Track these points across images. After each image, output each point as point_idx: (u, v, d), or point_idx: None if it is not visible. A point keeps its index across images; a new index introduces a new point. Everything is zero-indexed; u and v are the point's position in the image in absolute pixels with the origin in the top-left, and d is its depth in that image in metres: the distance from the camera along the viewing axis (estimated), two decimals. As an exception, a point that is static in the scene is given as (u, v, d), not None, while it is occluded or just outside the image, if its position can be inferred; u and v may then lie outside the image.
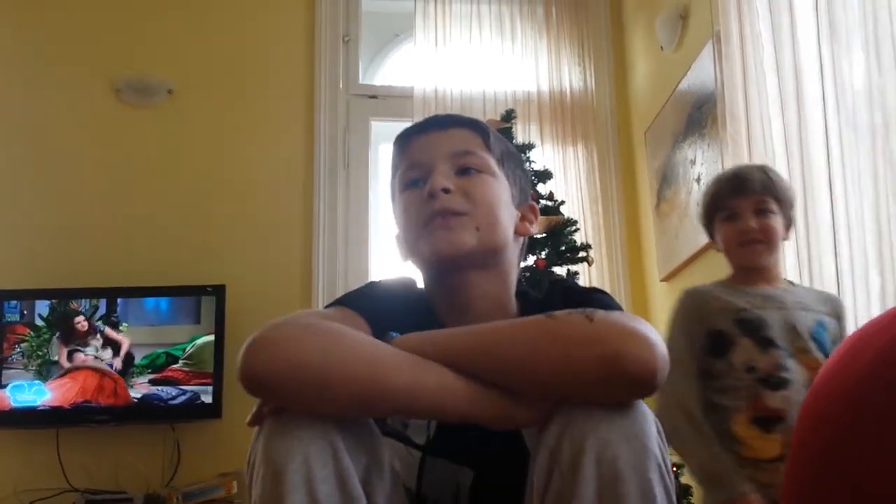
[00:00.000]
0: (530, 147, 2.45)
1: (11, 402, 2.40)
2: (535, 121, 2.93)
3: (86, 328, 2.48)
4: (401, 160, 1.03)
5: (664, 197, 2.67)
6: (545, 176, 2.40)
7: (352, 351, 0.78)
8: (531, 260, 2.22)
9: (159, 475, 2.49)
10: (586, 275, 2.63)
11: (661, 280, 2.70)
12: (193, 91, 2.87)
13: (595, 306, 0.82)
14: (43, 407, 2.41)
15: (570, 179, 2.89)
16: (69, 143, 2.79)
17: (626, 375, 0.74)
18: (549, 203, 2.38)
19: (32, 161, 2.77)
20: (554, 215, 2.33)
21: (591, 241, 2.58)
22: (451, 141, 1.00)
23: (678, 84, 2.55)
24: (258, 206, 2.80)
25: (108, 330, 2.49)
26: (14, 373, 2.43)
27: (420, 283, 1.05)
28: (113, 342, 2.49)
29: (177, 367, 2.47)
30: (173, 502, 2.33)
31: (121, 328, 2.50)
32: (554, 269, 2.26)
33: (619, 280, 2.84)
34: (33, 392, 2.42)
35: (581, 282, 2.45)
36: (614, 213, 2.92)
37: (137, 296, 2.53)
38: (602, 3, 3.15)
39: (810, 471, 0.96)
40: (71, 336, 2.48)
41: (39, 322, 2.48)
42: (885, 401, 0.84)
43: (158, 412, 2.46)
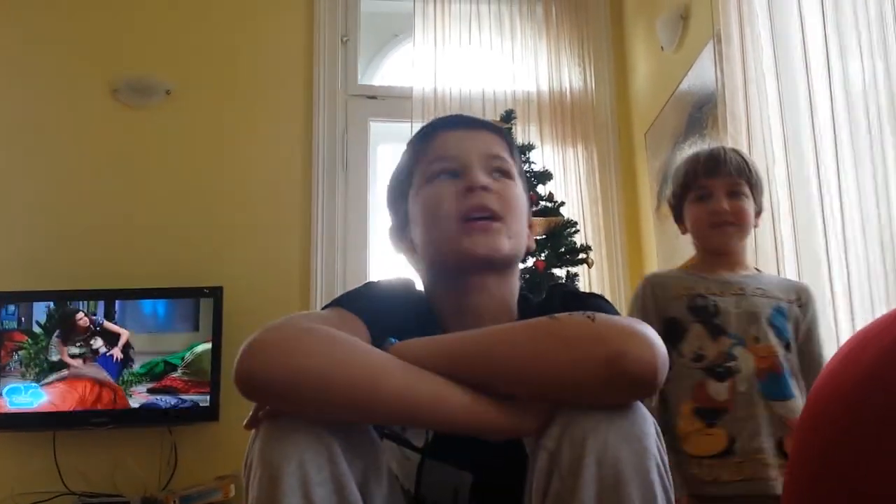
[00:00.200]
0: (530, 148, 2.44)
1: (8, 405, 2.39)
2: (535, 121, 2.92)
3: (87, 324, 2.47)
4: (425, 152, 1.00)
5: (665, 198, 2.65)
6: (545, 177, 2.40)
7: (347, 357, 0.77)
8: (531, 261, 2.21)
9: (156, 478, 2.48)
10: (586, 276, 2.62)
11: (662, 282, 2.68)
12: (192, 92, 2.86)
13: (594, 311, 0.81)
14: (39, 410, 2.40)
15: (569, 180, 2.88)
16: (67, 143, 2.78)
17: (628, 375, 0.73)
18: (549, 204, 2.37)
19: (29, 162, 2.76)
20: (553, 216, 2.32)
21: (590, 243, 2.57)
22: (484, 142, 1.00)
23: (679, 85, 2.53)
24: (256, 207, 2.79)
25: (107, 323, 2.48)
26: (11, 380, 2.42)
27: (419, 285, 1.04)
28: (112, 334, 2.47)
29: (176, 376, 2.46)
30: (170, 505, 2.32)
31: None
32: (553, 270, 2.25)
33: (619, 282, 2.83)
34: (30, 395, 2.41)
35: (581, 283, 2.44)
36: (614, 215, 2.91)
37: (135, 297, 2.52)
38: (602, 3, 3.15)
39: (810, 471, 0.95)
40: (71, 333, 2.46)
41: (37, 329, 2.46)
42: (884, 402, 0.83)
43: (155, 415, 2.45)
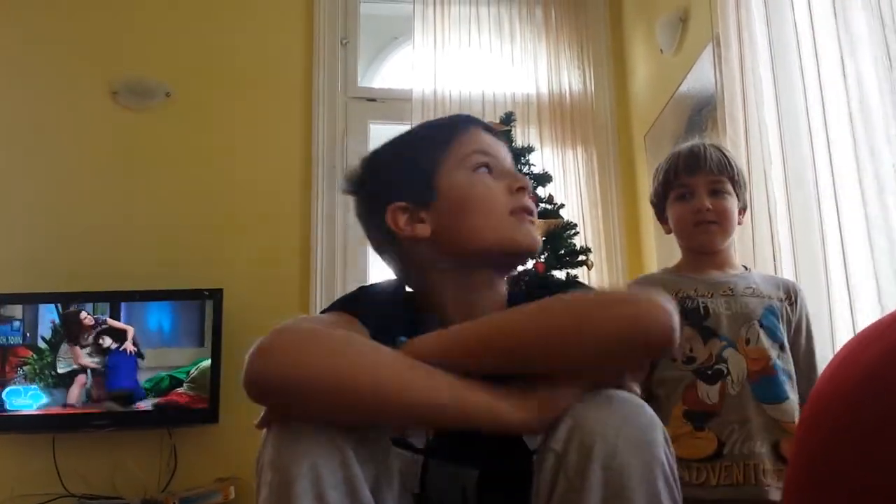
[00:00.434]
0: (530, 150, 2.44)
1: (7, 407, 2.39)
2: (535, 124, 2.92)
3: (92, 322, 2.46)
4: (464, 139, 1.01)
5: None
6: (545, 179, 2.39)
7: (365, 359, 0.77)
8: (530, 263, 2.21)
9: (156, 480, 2.47)
10: (585, 278, 2.61)
11: (661, 284, 2.69)
12: (191, 94, 2.86)
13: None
14: (39, 412, 2.39)
15: (569, 183, 2.88)
16: (67, 144, 2.78)
17: (644, 335, 0.77)
18: (549, 206, 2.37)
19: (29, 162, 2.76)
20: (553, 219, 2.32)
21: (590, 245, 2.57)
22: (506, 152, 1.05)
23: (678, 87, 2.54)
24: (256, 210, 2.79)
25: (111, 321, 2.47)
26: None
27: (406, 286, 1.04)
28: (118, 331, 2.47)
29: (182, 391, 2.45)
30: (170, 508, 2.32)
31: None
32: (553, 272, 2.25)
33: (619, 284, 2.83)
34: (29, 397, 2.40)
35: (581, 285, 2.44)
36: (614, 217, 2.91)
37: (135, 300, 2.51)
38: (601, 5, 3.15)
39: (810, 471, 0.95)
40: (78, 334, 2.45)
41: (42, 344, 2.44)
42: (885, 402, 0.83)
43: (155, 418, 2.44)
